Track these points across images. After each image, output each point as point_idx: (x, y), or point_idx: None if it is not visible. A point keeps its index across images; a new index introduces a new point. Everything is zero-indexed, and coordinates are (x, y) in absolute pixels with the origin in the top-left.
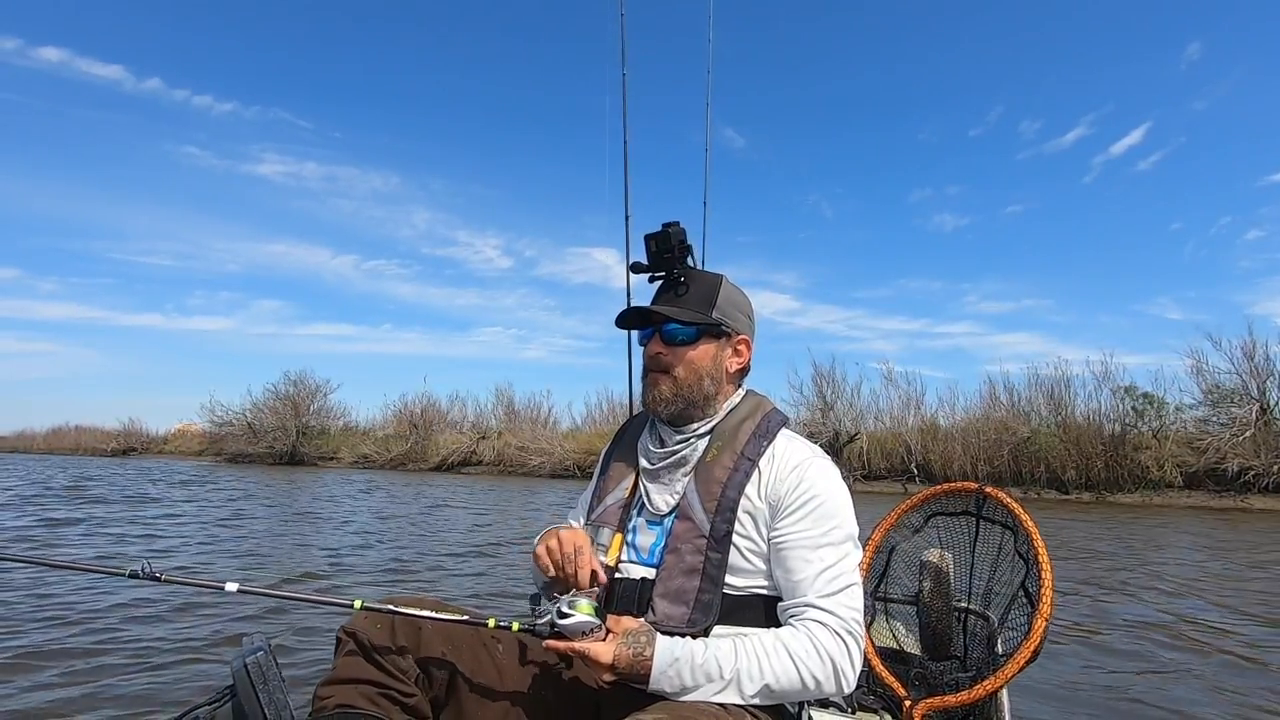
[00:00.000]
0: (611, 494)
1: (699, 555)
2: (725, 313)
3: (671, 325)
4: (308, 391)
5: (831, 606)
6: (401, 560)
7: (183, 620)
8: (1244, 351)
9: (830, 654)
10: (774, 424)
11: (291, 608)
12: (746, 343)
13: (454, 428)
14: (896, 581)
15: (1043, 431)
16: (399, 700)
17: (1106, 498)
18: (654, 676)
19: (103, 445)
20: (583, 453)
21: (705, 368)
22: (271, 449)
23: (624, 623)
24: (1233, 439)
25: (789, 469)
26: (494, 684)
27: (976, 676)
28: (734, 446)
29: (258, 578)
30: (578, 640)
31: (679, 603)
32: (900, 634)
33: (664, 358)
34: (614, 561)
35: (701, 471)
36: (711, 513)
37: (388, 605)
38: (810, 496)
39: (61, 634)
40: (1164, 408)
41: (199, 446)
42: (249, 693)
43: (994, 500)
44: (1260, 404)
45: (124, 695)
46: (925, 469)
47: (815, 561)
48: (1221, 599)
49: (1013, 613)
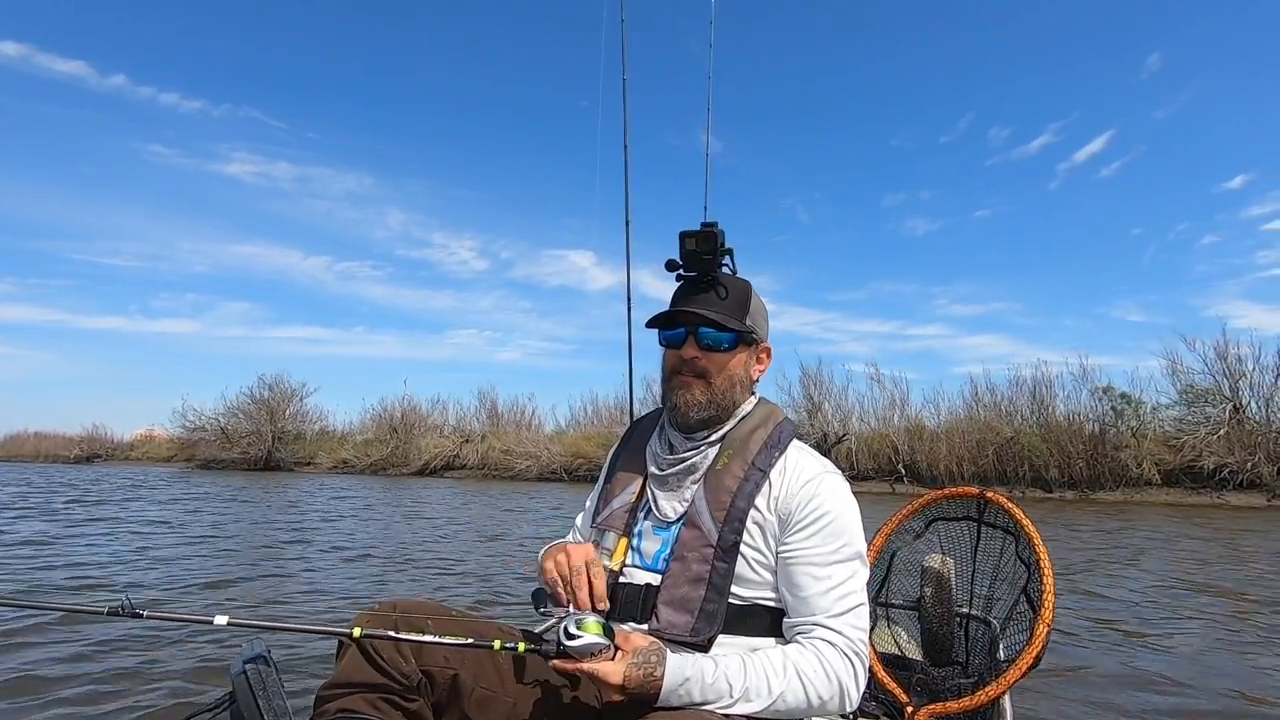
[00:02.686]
0: (618, 498)
1: (705, 564)
2: (755, 321)
3: (709, 330)
4: (283, 395)
5: (840, 626)
6: (412, 561)
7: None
8: (1217, 352)
9: (838, 674)
10: (786, 435)
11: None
12: (769, 351)
13: (435, 431)
14: (898, 587)
15: (1025, 432)
16: (401, 705)
17: (1089, 495)
18: (663, 696)
19: (65, 452)
20: (570, 456)
21: (739, 376)
22: (246, 454)
23: (633, 640)
24: (1208, 437)
25: (800, 483)
26: (496, 690)
27: (978, 682)
28: (745, 456)
29: (255, 592)
30: (586, 661)
31: (683, 611)
32: (902, 640)
33: (700, 362)
34: (618, 566)
35: (711, 480)
36: (720, 522)
37: (388, 632)
38: (822, 513)
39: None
40: (1141, 408)
41: (168, 452)
42: (248, 699)
43: (995, 505)
44: (1233, 403)
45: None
46: (912, 469)
47: (824, 580)
48: (1215, 596)
49: (1014, 618)
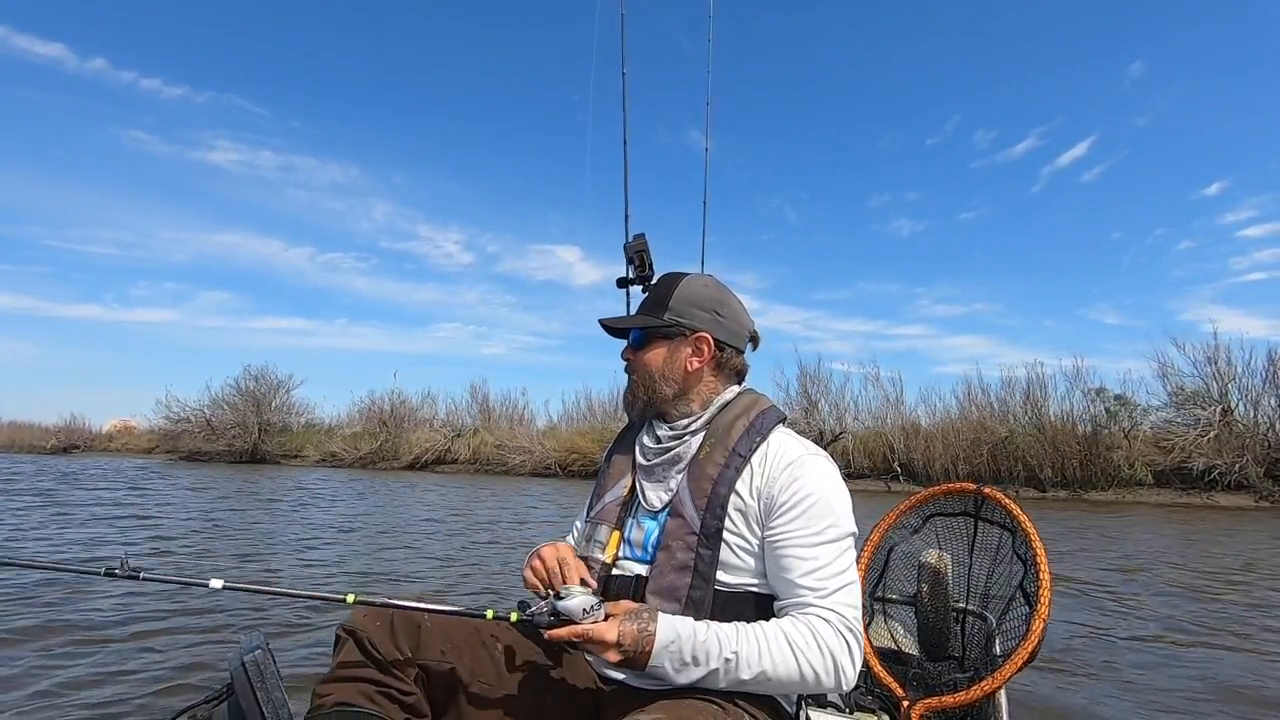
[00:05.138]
0: (610, 491)
1: (690, 552)
2: (679, 312)
3: (635, 330)
4: (270, 386)
5: (831, 604)
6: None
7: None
8: (1206, 355)
9: (831, 649)
10: (768, 421)
11: (287, 604)
12: (707, 340)
13: (425, 425)
14: (895, 582)
15: (1020, 432)
16: (398, 699)
17: (1082, 495)
18: (656, 650)
19: (41, 442)
20: (564, 451)
21: (657, 368)
22: (231, 447)
23: (623, 604)
24: (1198, 439)
25: (782, 467)
26: (493, 683)
27: (974, 677)
28: (726, 443)
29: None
30: (581, 623)
31: (671, 599)
32: (898, 634)
33: (629, 362)
34: (611, 559)
35: (694, 468)
36: (702, 509)
37: (381, 599)
38: (804, 494)
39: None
40: (1135, 409)
41: (149, 444)
42: (246, 691)
43: (993, 501)
44: (1222, 405)
45: (116, 698)
46: (907, 468)
47: (811, 560)
48: (1207, 593)
49: (1010, 613)
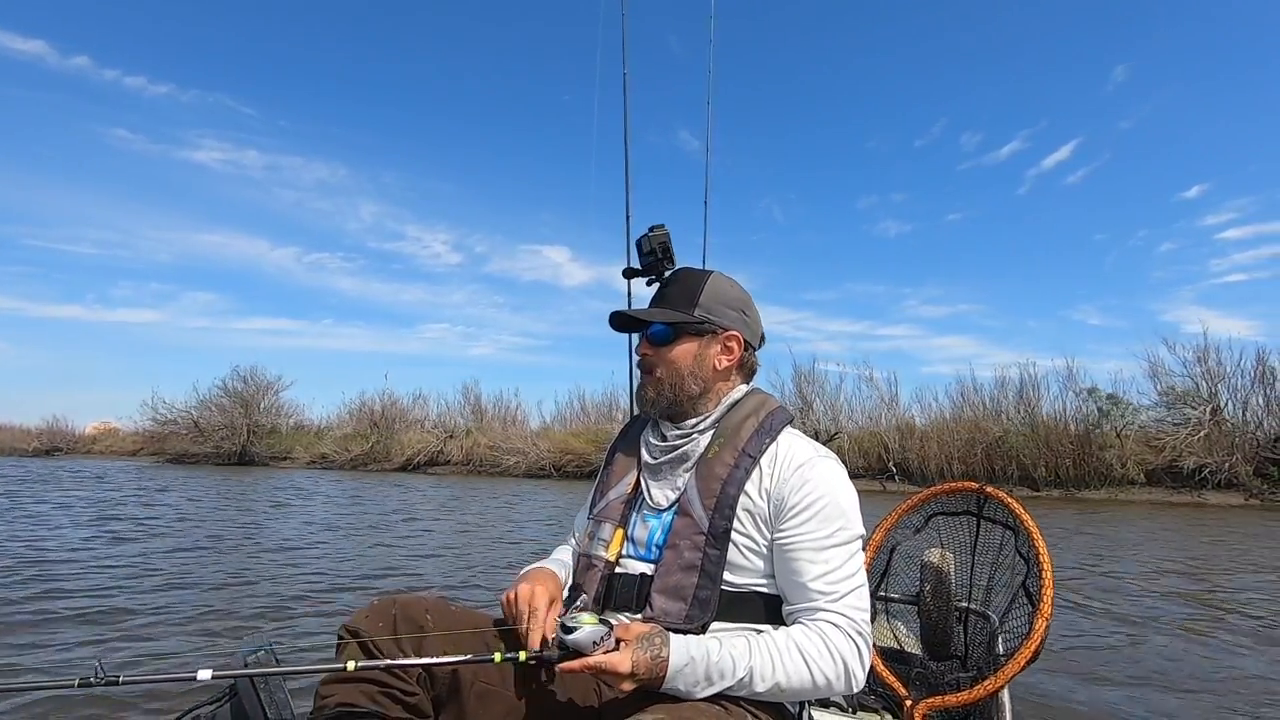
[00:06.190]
0: (614, 489)
1: (697, 552)
2: (709, 309)
3: (655, 326)
4: (259, 387)
5: (841, 608)
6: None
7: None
8: (1196, 355)
9: (842, 654)
10: (778, 422)
11: (290, 606)
12: (737, 339)
13: (417, 426)
14: (897, 581)
15: (1013, 431)
16: (400, 699)
17: (1075, 494)
18: (670, 675)
19: (23, 445)
20: (559, 452)
21: (686, 366)
22: (219, 449)
23: (633, 628)
24: (1188, 438)
25: (792, 469)
26: (496, 684)
27: (977, 676)
28: (735, 443)
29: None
30: (591, 655)
31: (676, 598)
32: (901, 634)
33: (648, 358)
34: (615, 557)
35: (702, 468)
36: (710, 509)
37: (384, 661)
38: (816, 497)
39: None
40: (1126, 409)
41: (134, 446)
42: (250, 692)
43: (995, 500)
44: (1212, 405)
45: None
46: (902, 467)
47: (822, 563)
48: (1200, 592)
49: (1013, 612)
